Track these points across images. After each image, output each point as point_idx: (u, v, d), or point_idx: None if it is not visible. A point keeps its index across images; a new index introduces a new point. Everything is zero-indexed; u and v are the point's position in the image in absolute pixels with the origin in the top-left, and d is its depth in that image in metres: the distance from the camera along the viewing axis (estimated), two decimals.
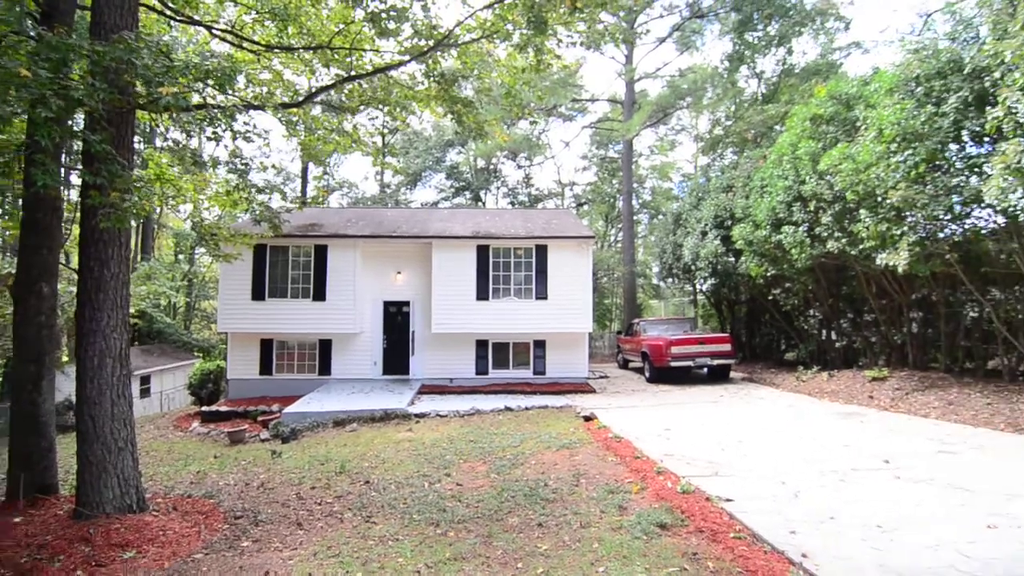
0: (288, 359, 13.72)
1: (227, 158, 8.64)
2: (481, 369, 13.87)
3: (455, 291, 13.38)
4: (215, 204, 9.59)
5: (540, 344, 13.96)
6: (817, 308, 12.65)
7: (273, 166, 30.02)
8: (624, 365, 17.42)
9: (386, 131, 30.61)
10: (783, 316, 13.78)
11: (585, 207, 35.37)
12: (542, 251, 13.70)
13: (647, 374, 13.78)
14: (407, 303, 14.12)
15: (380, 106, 9.28)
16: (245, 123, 7.25)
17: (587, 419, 9.09)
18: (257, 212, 7.88)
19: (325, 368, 13.67)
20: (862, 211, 9.25)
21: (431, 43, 7.52)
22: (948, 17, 9.47)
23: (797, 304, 12.88)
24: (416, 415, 10.12)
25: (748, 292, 14.79)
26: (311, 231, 13.53)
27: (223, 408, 12.03)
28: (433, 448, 7.84)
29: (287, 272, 13.33)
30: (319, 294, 13.26)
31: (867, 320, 11.57)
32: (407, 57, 7.71)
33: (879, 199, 8.87)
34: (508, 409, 10.48)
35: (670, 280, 18.81)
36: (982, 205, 8.26)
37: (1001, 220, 8.46)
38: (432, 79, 7.74)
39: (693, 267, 15.06)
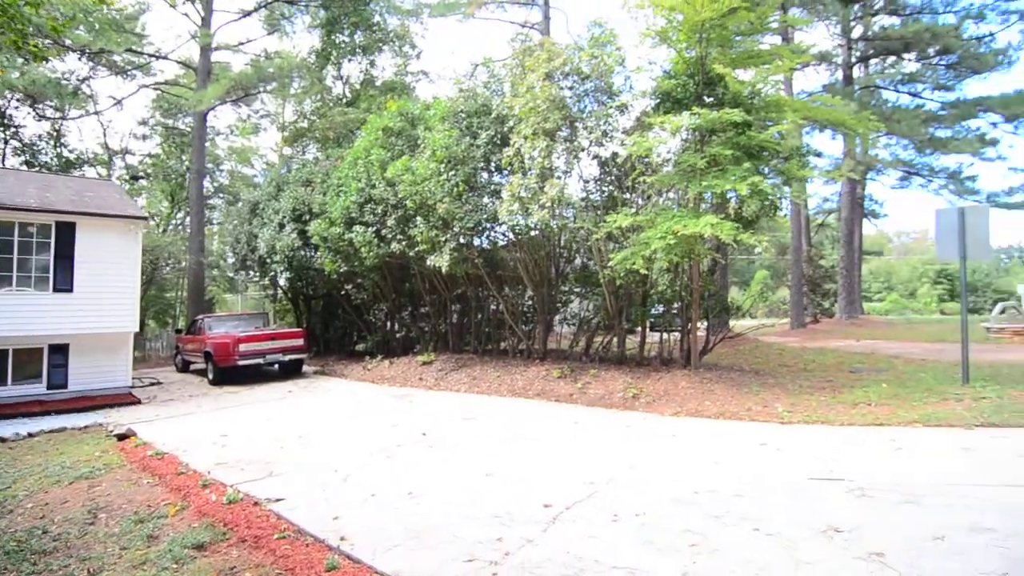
0: None
1: None
2: None
3: None
4: None
5: (60, 349, 10.85)
6: (384, 302, 13.89)
7: None
8: (184, 368, 15.31)
9: None
10: (355, 310, 14.61)
11: (143, 182, 29.71)
12: (68, 230, 10.71)
13: (210, 376, 12.44)
14: None
15: None
16: None
17: (122, 437, 7.50)
18: None
19: None
20: (418, 218, 10.57)
21: None
22: (486, 70, 11.75)
23: (367, 299, 13.84)
24: None
25: (325, 287, 15.09)
26: None
27: None
28: None
29: None
30: None
31: (422, 312, 13.37)
32: None
33: (431, 209, 10.29)
34: (1, 440, 7.76)
35: (245, 273, 17.52)
36: (499, 222, 10.54)
37: (511, 235, 11.00)
38: None
39: (269, 260, 14.40)
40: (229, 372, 12.16)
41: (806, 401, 7.32)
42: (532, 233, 10.57)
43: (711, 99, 9.10)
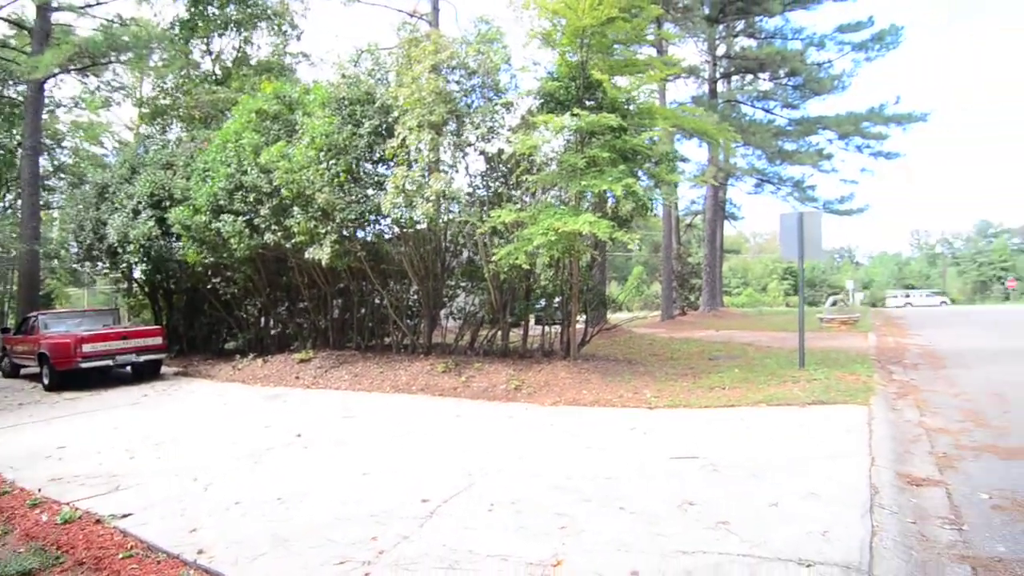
0: None
1: None
2: None
3: None
4: None
5: None
6: (257, 297, 13.00)
7: None
8: (13, 372, 13.32)
9: None
10: (224, 305, 13.52)
11: None
12: None
13: (46, 381, 10.92)
14: None
15: None
16: None
17: None
18: None
19: None
20: (296, 208, 10.01)
21: None
22: (371, 57, 11.36)
23: (238, 293, 12.87)
24: None
25: (189, 280, 13.82)
26: None
27: None
28: None
29: None
30: None
31: (301, 308, 12.70)
32: None
33: (310, 199, 9.79)
34: None
35: (92, 264, 15.53)
36: (384, 215, 10.26)
37: (396, 228, 10.76)
38: None
39: (121, 250, 12.90)
40: (70, 376, 10.75)
41: (671, 387, 7.93)
42: (418, 227, 10.42)
43: (592, 102, 9.50)
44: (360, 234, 11.00)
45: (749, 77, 27.44)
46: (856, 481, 4.12)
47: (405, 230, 10.42)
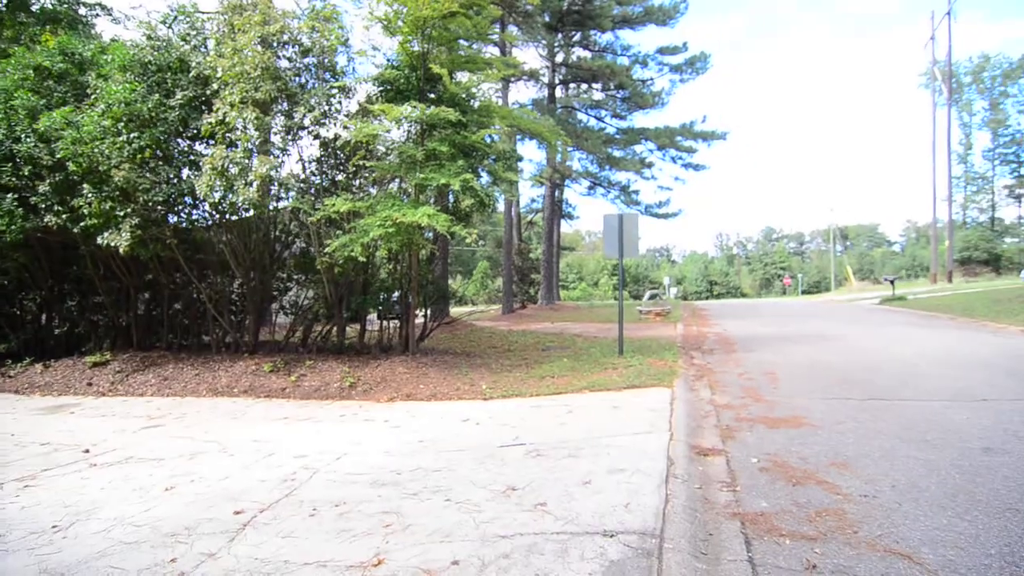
0: None
1: None
2: None
3: None
4: None
5: None
6: (36, 291, 10.94)
7: None
8: None
9: None
10: None
11: None
12: None
13: None
14: None
15: None
16: None
17: None
18: None
19: None
20: (87, 186, 8.59)
21: None
22: (185, 19, 10.10)
23: (8, 286, 10.71)
24: None
25: None
26: None
27: None
28: None
29: None
30: None
31: (95, 303, 10.93)
32: None
33: (105, 176, 8.46)
34: None
35: None
36: (200, 199, 9.22)
37: (217, 215, 9.72)
38: None
39: None
40: None
41: (505, 378, 8.24)
42: (244, 214, 9.55)
43: (433, 95, 9.46)
44: (172, 219, 9.78)
45: (584, 86, 29.38)
46: (656, 454, 4.64)
47: (227, 217, 9.49)
